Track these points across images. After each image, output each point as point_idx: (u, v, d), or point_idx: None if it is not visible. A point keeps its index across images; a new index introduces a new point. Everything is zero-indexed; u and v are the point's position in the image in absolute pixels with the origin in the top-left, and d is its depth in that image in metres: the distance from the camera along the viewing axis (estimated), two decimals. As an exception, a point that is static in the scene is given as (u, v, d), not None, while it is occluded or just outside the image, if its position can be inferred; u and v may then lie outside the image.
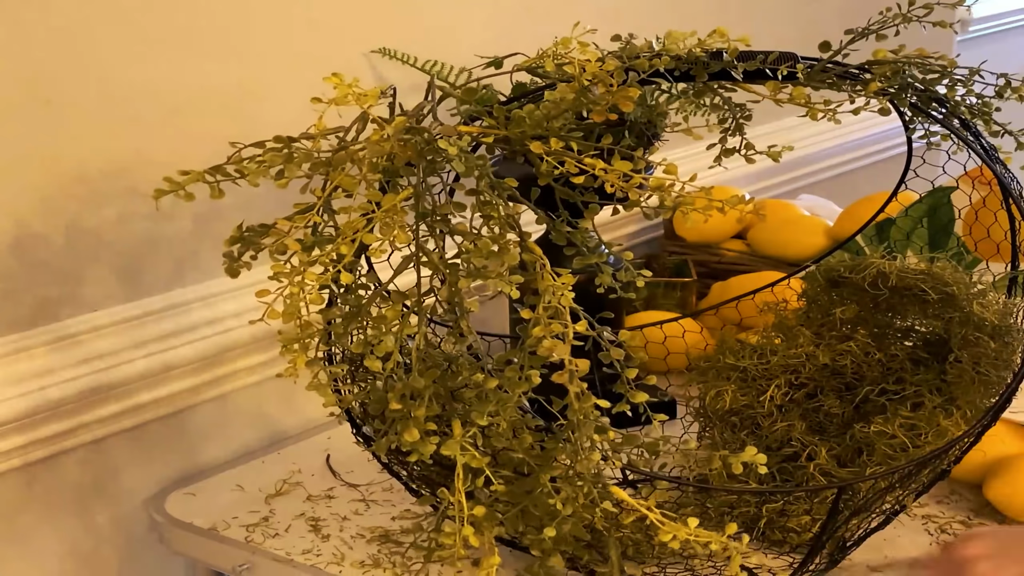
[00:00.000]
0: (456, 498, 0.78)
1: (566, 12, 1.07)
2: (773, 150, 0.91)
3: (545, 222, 0.82)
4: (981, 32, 2.72)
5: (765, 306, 1.06)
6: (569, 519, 0.79)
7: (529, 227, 0.89)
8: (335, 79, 0.80)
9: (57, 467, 1.01)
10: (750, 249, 1.43)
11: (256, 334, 1.10)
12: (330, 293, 0.81)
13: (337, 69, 0.83)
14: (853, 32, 0.92)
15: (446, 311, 0.78)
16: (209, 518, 1.01)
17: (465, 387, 0.79)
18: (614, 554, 0.82)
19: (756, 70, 0.85)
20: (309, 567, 0.92)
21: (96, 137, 0.99)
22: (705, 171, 1.01)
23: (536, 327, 0.74)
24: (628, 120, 1.03)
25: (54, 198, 0.98)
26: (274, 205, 1.10)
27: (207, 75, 1.06)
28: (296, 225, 0.78)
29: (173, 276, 1.07)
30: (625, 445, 0.83)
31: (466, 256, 0.75)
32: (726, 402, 0.99)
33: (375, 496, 1.03)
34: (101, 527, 1.05)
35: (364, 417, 0.90)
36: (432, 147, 0.76)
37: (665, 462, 0.87)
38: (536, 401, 0.80)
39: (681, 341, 1.22)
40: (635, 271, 0.85)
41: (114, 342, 1.02)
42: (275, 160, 0.79)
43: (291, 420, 1.18)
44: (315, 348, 0.80)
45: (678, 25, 0.91)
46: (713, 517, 0.92)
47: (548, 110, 0.80)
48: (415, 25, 1.23)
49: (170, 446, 1.09)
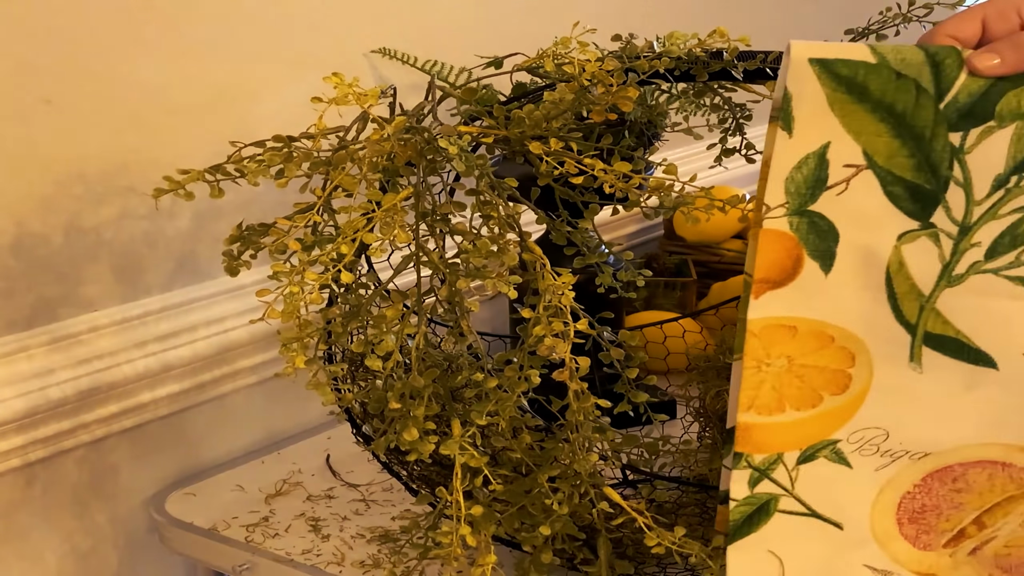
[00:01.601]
0: (454, 497, 0.78)
1: (566, 12, 1.07)
2: (773, 150, 0.91)
3: (545, 222, 0.82)
4: (981, 33, 2.72)
5: (765, 306, 1.06)
6: (563, 518, 0.79)
7: (529, 227, 0.89)
8: (335, 79, 0.80)
9: (57, 467, 1.01)
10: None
11: (255, 334, 1.10)
12: (330, 293, 0.81)
13: (337, 69, 0.83)
14: (853, 32, 0.92)
15: (446, 311, 0.78)
16: (209, 518, 1.01)
17: (465, 387, 0.79)
18: (603, 553, 0.82)
19: (756, 70, 0.85)
20: (309, 567, 0.92)
21: (96, 137, 0.99)
22: (705, 171, 1.01)
23: (537, 326, 0.74)
24: (628, 120, 1.03)
25: (53, 197, 0.98)
26: (274, 204, 1.10)
27: (207, 75, 1.06)
28: (296, 224, 0.78)
29: (173, 276, 1.07)
30: (625, 445, 0.83)
31: (466, 256, 0.75)
32: (726, 402, 0.99)
33: (375, 496, 1.03)
34: (101, 527, 1.05)
35: (364, 416, 0.90)
36: (432, 147, 0.76)
37: (665, 462, 0.87)
38: (536, 401, 0.80)
39: (681, 341, 1.22)
40: (635, 271, 0.85)
41: (113, 342, 1.02)
42: (275, 159, 0.79)
43: (291, 420, 1.18)
44: (315, 347, 0.80)
45: (678, 25, 0.91)
46: (713, 517, 0.92)
47: (548, 110, 0.80)
48: (415, 25, 1.23)
49: (170, 446, 1.09)
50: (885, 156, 0.66)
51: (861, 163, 0.66)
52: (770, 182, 0.67)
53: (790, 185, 0.67)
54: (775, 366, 0.71)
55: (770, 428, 0.72)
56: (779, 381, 0.71)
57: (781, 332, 0.70)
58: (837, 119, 0.65)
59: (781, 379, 0.71)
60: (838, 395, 0.72)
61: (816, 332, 0.70)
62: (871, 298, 0.69)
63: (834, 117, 0.65)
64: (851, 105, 0.65)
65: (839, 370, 0.71)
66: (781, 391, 0.71)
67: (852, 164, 0.66)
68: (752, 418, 0.72)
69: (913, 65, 0.64)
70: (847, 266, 0.69)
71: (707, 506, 0.92)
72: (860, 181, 0.67)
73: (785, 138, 0.66)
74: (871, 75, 0.64)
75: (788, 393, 0.71)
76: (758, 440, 0.73)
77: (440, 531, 0.78)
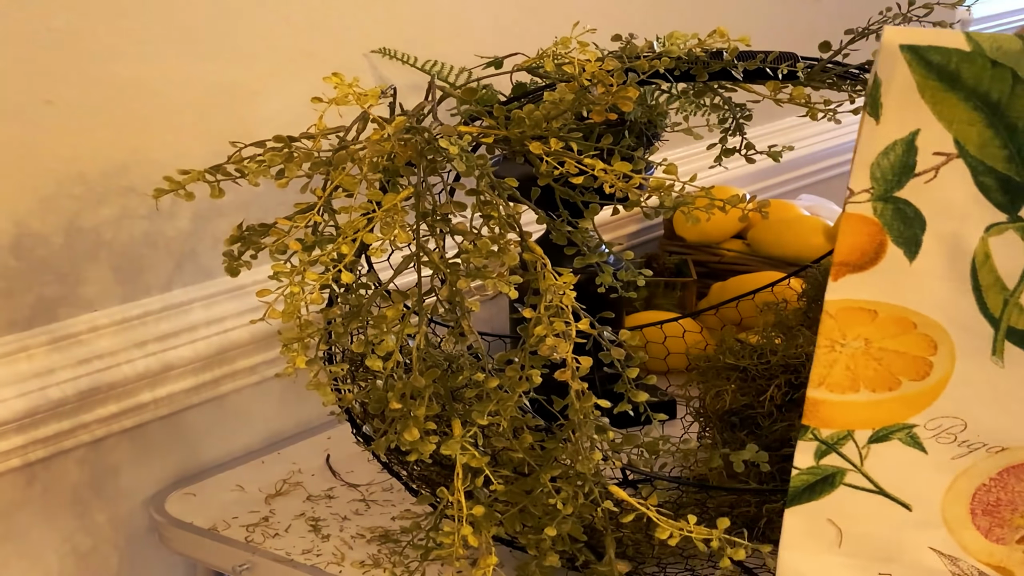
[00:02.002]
0: (455, 497, 0.78)
1: (566, 12, 1.08)
2: (773, 150, 0.91)
3: (545, 222, 0.82)
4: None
5: (765, 306, 1.06)
6: (569, 519, 0.79)
7: (529, 227, 0.89)
8: (335, 79, 0.80)
9: (57, 467, 1.01)
10: (750, 249, 1.43)
11: (256, 334, 1.10)
12: (331, 293, 0.81)
13: (337, 69, 0.83)
14: (853, 32, 0.92)
15: (447, 311, 0.78)
16: (209, 518, 1.01)
17: (465, 387, 0.79)
18: (611, 552, 0.82)
19: (756, 70, 0.85)
20: (309, 567, 0.92)
21: (96, 137, 0.99)
22: (705, 171, 1.01)
23: (538, 326, 0.74)
24: (628, 120, 1.04)
25: (53, 198, 0.98)
26: (274, 204, 1.10)
27: (207, 75, 1.06)
28: (296, 224, 0.78)
29: (173, 276, 1.07)
30: (625, 445, 0.83)
31: (466, 256, 0.75)
32: (726, 402, 0.99)
33: (375, 496, 1.03)
34: (101, 527, 1.05)
35: (364, 417, 0.90)
36: (433, 147, 0.76)
37: (665, 462, 0.87)
38: (536, 401, 0.80)
39: (681, 341, 1.22)
40: (635, 271, 0.85)
41: (113, 342, 1.02)
42: (275, 159, 0.79)
43: (291, 420, 1.18)
44: (315, 348, 0.80)
45: (678, 25, 0.91)
46: (713, 517, 0.92)
47: (548, 110, 0.80)
48: (415, 25, 1.23)
49: (170, 446, 1.09)
50: (977, 145, 0.65)
51: (952, 151, 0.66)
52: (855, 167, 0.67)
53: (876, 171, 0.67)
54: (850, 347, 0.71)
55: (841, 406, 0.73)
56: (854, 361, 0.72)
57: (860, 314, 0.71)
58: (928, 106, 0.65)
59: (857, 360, 0.72)
60: (917, 381, 0.72)
61: (898, 318, 0.71)
62: (956, 288, 0.69)
63: (924, 104, 0.65)
64: (943, 93, 0.64)
65: (920, 356, 0.71)
66: (856, 371, 0.72)
67: (942, 152, 0.66)
68: (823, 394, 0.73)
69: (1010, 54, 0.63)
70: (932, 254, 0.68)
71: (707, 506, 0.92)
72: (950, 170, 0.66)
73: (872, 124, 0.66)
74: (964, 63, 0.63)
75: (864, 374, 0.72)
76: (826, 415, 0.73)
77: (441, 531, 0.78)
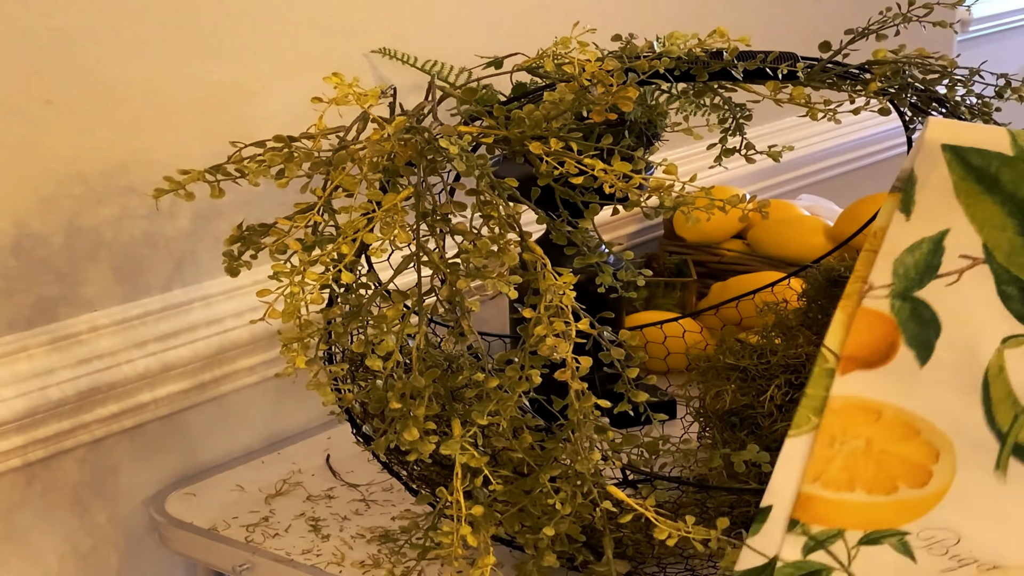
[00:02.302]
0: (454, 497, 0.78)
1: (566, 12, 1.08)
2: (773, 150, 0.91)
3: (545, 222, 0.82)
4: (981, 32, 2.72)
5: (765, 306, 1.06)
6: (567, 518, 0.79)
7: (529, 227, 0.89)
8: (335, 79, 0.80)
9: (57, 467, 1.01)
10: (750, 249, 1.43)
11: (256, 334, 1.10)
12: (330, 293, 0.81)
13: (337, 69, 0.83)
14: (853, 32, 0.92)
15: (447, 311, 0.78)
16: (209, 518, 1.01)
17: (465, 387, 0.79)
18: (609, 552, 0.82)
19: (756, 70, 0.85)
20: (309, 567, 0.92)
21: (96, 137, 0.99)
22: (705, 171, 1.01)
23: (538, 326, 0.74)
24: (628, 120, 1.03)
25: (53, 198, 0.98)
26: (274, 204, 1.10)
27: (207, 75, 1.06)
28: (296, 224, 0.78)
29: (173, 276, 1.07)
30: (625, 445, 0.83)
31: (466, 256, 0.75)
32: (726, 402, 0.99)
33: (375, 496, 1.03)
34: (101, 527, 1.05)
35: (364, 416, 0.90)
36: (433, 147, 0.76)
37: (665, 462, 0.87)
38: (536, 401, 0.80)
39: (681, 341, 1.22)
40: (635, 271, 0.85)
41: (113, 342, 1.02)
42: (275, 159, 0.79)
43: (291, 420, 1.18)
44: (315, 348, 0.80)
45: (677, 25, 0.91)
46: (713, 517, 0.92)
47: (548, 110, 0.80)
48: (415, 25, 1.23)
49: (170, 446, 1.09)
50: (1006, 253, 0.64)
51: (979, 256, 0.64)
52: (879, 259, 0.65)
53: (899, 267, 0.65)
54: (850, 445, 0.70)
55: (835, 504, 0.71)
56: (853, 461, 0.70)
57: (864, 414, 0.69)
58: (961, 207, 0.63)
59: (856, 459, 0.70)
60: (916, 488, 0.70)
61: (903, 422, 0.69)
62: (964, 399, 0.67)
63: (958, 204, 0.63)
64: (979, 196, 0.63)
65: (921, 464, 0.70)
66: (854, 471, 0.70)
67: (968, 255, 0.64)
68: (817, 490, 0.71)
69: None
70: (944, 361, 0.67)
71: (707, 506, 0.92)
72: (974, 275, 0.64)
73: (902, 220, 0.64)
74: (1005, 167, 0.62)
75: (862, 475, 0.70)
76: (819, 512, 0.72)
77: (440, 531, 0.78)
